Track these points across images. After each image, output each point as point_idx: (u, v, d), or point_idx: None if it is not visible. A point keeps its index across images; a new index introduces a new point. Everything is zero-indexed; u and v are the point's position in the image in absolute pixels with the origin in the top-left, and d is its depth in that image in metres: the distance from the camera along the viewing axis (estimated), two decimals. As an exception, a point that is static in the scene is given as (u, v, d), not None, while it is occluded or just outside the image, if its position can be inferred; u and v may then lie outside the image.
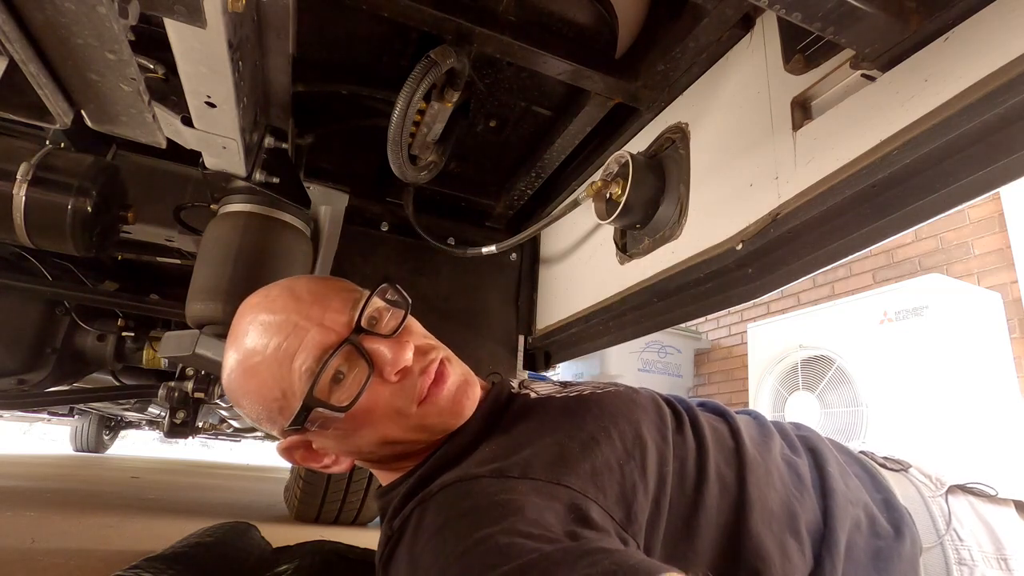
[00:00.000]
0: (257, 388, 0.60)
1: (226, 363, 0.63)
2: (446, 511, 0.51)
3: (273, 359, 0.58)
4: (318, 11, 1.03)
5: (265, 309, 0.61)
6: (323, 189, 1.38)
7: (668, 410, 0.67)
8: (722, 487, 0.61)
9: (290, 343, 0.58)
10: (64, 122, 0.56)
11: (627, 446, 0.58)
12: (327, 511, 1.85)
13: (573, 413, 0.62)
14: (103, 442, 5.79)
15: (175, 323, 1.66)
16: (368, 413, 0.59)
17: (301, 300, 0.61)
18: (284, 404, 0.59)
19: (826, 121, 0.73)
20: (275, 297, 0.62)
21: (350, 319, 0.60)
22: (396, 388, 0.60)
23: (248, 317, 0.62)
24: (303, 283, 0.64)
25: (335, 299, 0.62)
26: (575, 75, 1.00)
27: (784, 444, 0.71)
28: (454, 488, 0.53)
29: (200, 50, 0.68)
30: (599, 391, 0.68)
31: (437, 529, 0.50)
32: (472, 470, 0.54)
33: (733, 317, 4.50)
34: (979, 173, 0.57)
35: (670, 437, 0.62)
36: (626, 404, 0.65)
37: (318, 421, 0.59)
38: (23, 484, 2.58)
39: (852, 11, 0.59)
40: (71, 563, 1.10)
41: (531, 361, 1.58)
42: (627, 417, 0.62)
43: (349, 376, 0.58)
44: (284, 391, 0.58)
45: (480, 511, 0.48)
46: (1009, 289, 2.83)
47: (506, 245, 1.31)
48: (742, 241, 0.82)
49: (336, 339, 0.58)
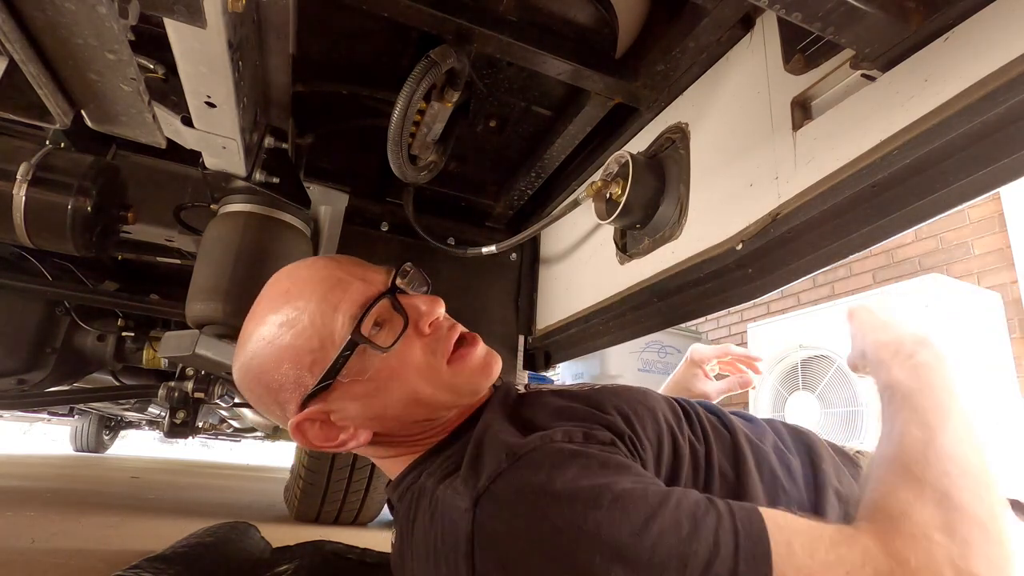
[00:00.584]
0: (291, 342, 0.59)
1: (257, 328, 0.61)
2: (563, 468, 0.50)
3: (317, 310, 0.59)
4: (318, 11, 1.03)
5: (306, 268, 0.64)
6: (323, 189, 1.38)
7: (676, 404, 0.70)
8: (723, 480, 0.64)
9: (335, 294, 0.60)
10: (64, 122, 0.57)
11: (648, 426, 0.62)
12: (327, 511, 1.85)
13: (591, 399, 0.65)
14: (103, 442, 5.79)
15: (175, 323, 1.66)
16: (402, 364, 0.60)
17: (341, 262, 0.65)
18: (319, 357, 0.58)
19: (826, 121, 0.73)
20: (311, 263, 0.65)
21: (386, 280, 0.63)
22: (428, 341, 0.63)
23: (286, 279, 0.63)
24: (335, 256, 0.68)
25: (370, 266, 0.66)
26: (575, 75, 1.00)
27: (777, 440, 0.73)
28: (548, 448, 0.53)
29: (200, 50, 0.68)
30: (609, 384, 0.71)
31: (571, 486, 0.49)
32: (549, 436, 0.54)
33: (733, 317, 4.50)
34: (979, 173, 0.57)
35: (685, 428, 0.66)
36: (641, 393, 0.69)
37: (353, 372, 0.59)
38: (23, 484, 2.58)
39: (852, 11, 0.59)
40: (71, 563, 1.10)
41: (531, 361, 1.58)
42: (644, 403, 0.65)
43: (386, 328, 0.60)
44: (323, 340, 0.58)
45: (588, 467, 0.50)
46: (1009, 289, 2.83)
47: (506, 245, 1.31)
48: (742, 241, 0.82)
49: (377, 292, 0.61)
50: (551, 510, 0.47)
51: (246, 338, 0.62)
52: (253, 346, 0.61)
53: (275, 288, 0.63)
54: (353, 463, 1.70)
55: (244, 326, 0.64)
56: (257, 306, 0.64)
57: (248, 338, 0.62)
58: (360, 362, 0.59)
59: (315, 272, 0.63)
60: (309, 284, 0.61)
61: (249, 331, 0.62)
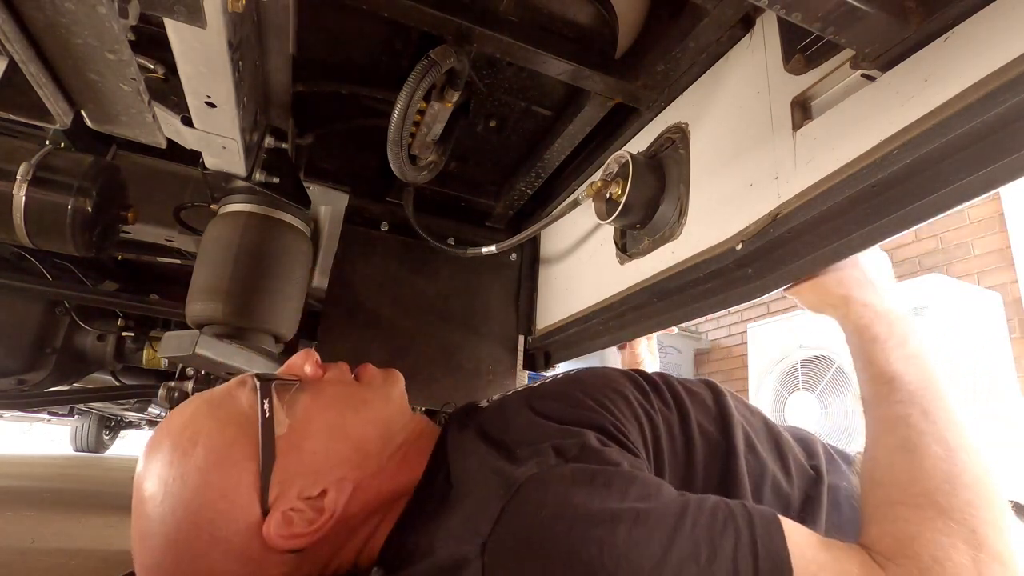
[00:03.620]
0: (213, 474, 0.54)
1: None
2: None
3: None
4: (318, 11, 1.03)
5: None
6: (323, 189, 1.38)
7: (641, 379, 0.71)
8: (707, 442, 0.66)
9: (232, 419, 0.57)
10: (64, 122, 0.56)
11: (624, 409, 0.62)
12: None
13: (561, 396, 0.64)
14: (103, 442, 5.78)
15: (175, 323, 1.66)
16: (324, 404, 0.61)
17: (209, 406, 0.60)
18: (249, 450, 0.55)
19: (826, 121, 0.73)
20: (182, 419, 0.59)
21: (253, 385, 0.60)
22: (330, 377, 0.65)
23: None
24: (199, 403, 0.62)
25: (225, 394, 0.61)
26: (575, 75, 1.00)
27: (766, 418, 0.76)
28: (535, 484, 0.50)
29: (200, 50, 0.68)
30: (569, 372, 0.72)
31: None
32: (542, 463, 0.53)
33: (733, 317, 4.50)
34: (979, 173, 0.57)
35: (653, 399, 0.67)
36: (604, 376, 0.69)
37: (290, 426, 0.57)
38: (23, 484, 2.58)
39: (852, 11, 0.59)
40: (71, 563, 1.10)
41: (531, 361, 1.58)
42: (611, 387, 0.66)
43: (283, 404, 0.58)
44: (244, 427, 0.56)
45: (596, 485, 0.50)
46: (1009, 289, 2.83)
47: (506, 245, 1.31)
48: (742, 241, 0.82)
49: (255, 393, 0.58)
50: (564, 552, 0.45)
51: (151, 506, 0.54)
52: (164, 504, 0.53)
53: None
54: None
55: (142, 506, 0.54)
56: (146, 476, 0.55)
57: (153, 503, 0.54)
58: (291, 420, 0.58)
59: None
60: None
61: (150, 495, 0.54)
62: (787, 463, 0.72)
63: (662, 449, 0.63)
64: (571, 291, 1.39)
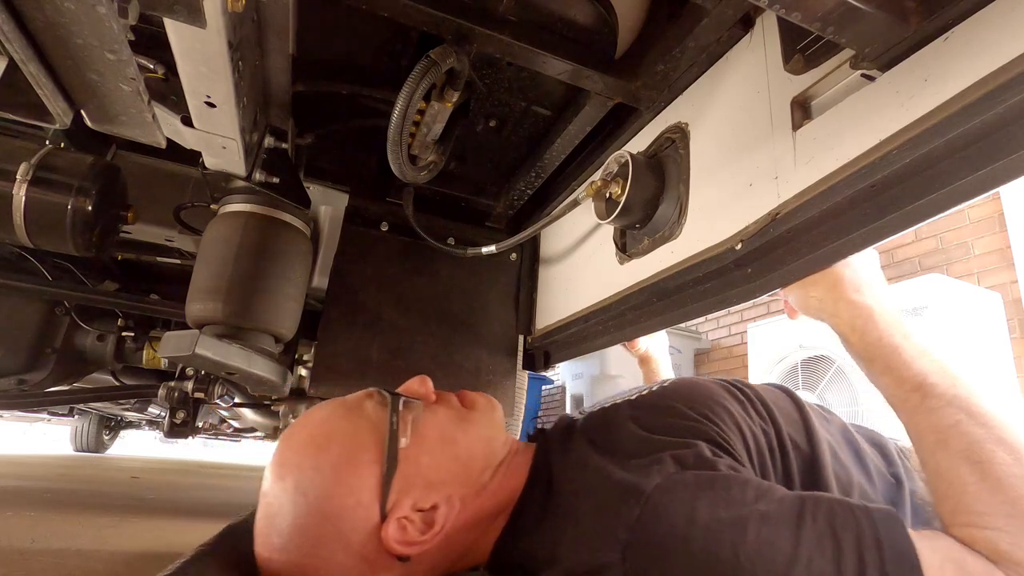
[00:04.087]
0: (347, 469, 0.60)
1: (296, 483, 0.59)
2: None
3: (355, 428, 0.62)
4: (318, 11, 1.03)
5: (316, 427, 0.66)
6: (323, 189, 1.38)
7: (735, 390, 0.73)
8: (799, 454, 0.68)
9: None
10: (64, 122, 0.57)
11: (728, 422, 0.65)
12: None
13: (666, 409, 0.67)
14: (103, 442, 5.78)
15: (175, 323, 1.66)
16: (437, 425, 0.66)
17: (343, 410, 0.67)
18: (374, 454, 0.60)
19: (826, 121, 0.73)
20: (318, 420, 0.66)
21: (383, 400, 0.67)
22: (439, 403, 0.70)
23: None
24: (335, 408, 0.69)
25: (358, 401, 0.68)
26: (575, 75, 1.00)
27: (844, 430, 0.78)
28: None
29: (200, 50, 0.68)
30: (664, 386, 0.74)
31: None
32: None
33: (733, 317, 4.50)
34: (979, 173, 0.57)
35: (750, 411, 0.69)
36: (703, 388, 0.72)
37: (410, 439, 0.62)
38: (23, 484, 2.58)
39: (852, 11, 0.59)
40: (71, 563, 1.10)
41: (530, 361, 1.58)
42: (712, 398, 0.68)
43: (407, 421, 0.64)
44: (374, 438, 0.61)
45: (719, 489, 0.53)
46: (1009, 289, 2.83)
47: (506, 245, 1.31)
48: (741, 241, 0.82)
49: (387, 412, 0.64)
50: (702, 555, 0.48)
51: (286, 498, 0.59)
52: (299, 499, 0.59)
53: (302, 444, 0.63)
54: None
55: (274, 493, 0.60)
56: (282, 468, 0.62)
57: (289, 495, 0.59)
58: (410, 422, 0.64)
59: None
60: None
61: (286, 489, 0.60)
62: (869, 471, 0.73)
63: (765, 461, 0.65)
64: (571, 291, 1.39)
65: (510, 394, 1.53)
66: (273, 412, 2.32)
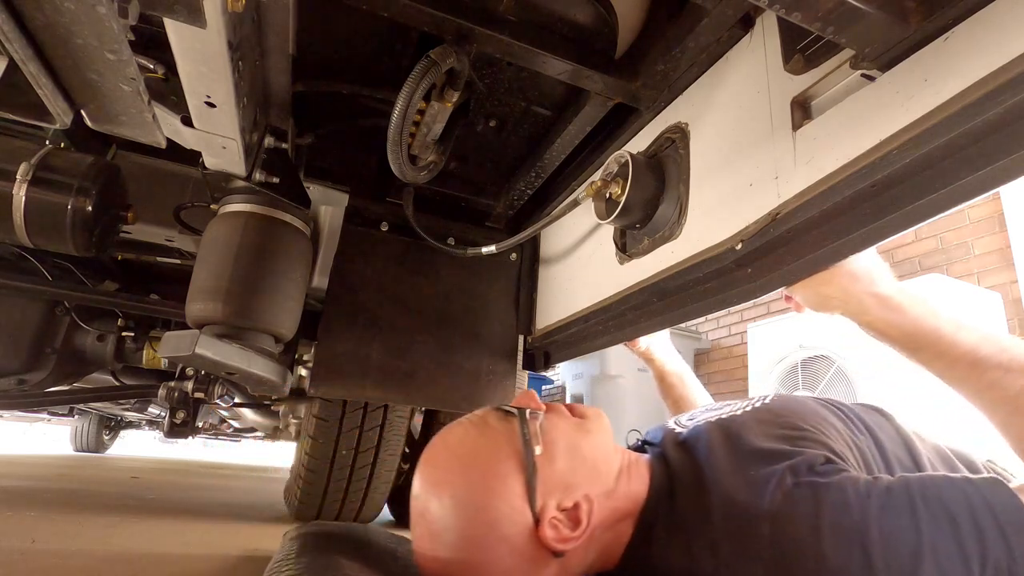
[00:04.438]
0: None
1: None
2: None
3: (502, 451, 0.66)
4: (318, 11, 1.03)
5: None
6: (323, 189, 1.38)
7: (834, 407, 0.76)
8: (903, 469, 0.70)
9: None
10: (64, 122, 0.57)
11: (836, 437, 0.67)
12: (327, 510, 1.85)
13: (776, 423, 0.70)
14: (103, 442, 5.78)
15: (175, 323, 1.66)
16: (556, 428, 0.70)
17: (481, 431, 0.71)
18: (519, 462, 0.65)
19: (826, 121, 0.73)
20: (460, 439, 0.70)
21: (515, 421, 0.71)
22: (556, 415, 0.73)
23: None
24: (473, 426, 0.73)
25: (499, 420, 0.72)
26: (575, 75, 1.00)
27: (937, 447, 0.81)
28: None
29: (200, 50, 0.68)
30: (768, 403, 0.77)
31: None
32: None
33: (733, 317, 4.50)
34: (979, 173, 0.57)
35: (852, 427, 0.72)
36: (805, 404, 0.74)
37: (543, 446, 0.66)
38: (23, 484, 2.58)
39: (852, 11, 0.59)
40: (71, 563, 1.10)
41: (530, 361, 1.58)
42: (818, 415, 0.71)
43: (536, 431, 0.69)
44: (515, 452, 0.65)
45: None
46: (1009, 289, 2.83)
47: (506, 245, 1.31)
48: (741, 241, 0.82)
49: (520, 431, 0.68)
50: (833, 558, 0.52)
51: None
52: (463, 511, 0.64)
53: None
54: (353, 463, 1.70)
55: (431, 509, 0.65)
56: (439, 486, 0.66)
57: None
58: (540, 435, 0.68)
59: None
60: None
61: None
62: None
63: (873, 474, 0.67)
64: (571, 291, 1.39)
65: (510, 394, 1.53)
66: (273, 412, 2.33)
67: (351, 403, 1.60)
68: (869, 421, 0.76)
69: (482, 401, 1.49)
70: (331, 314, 1.39)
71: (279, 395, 1.40)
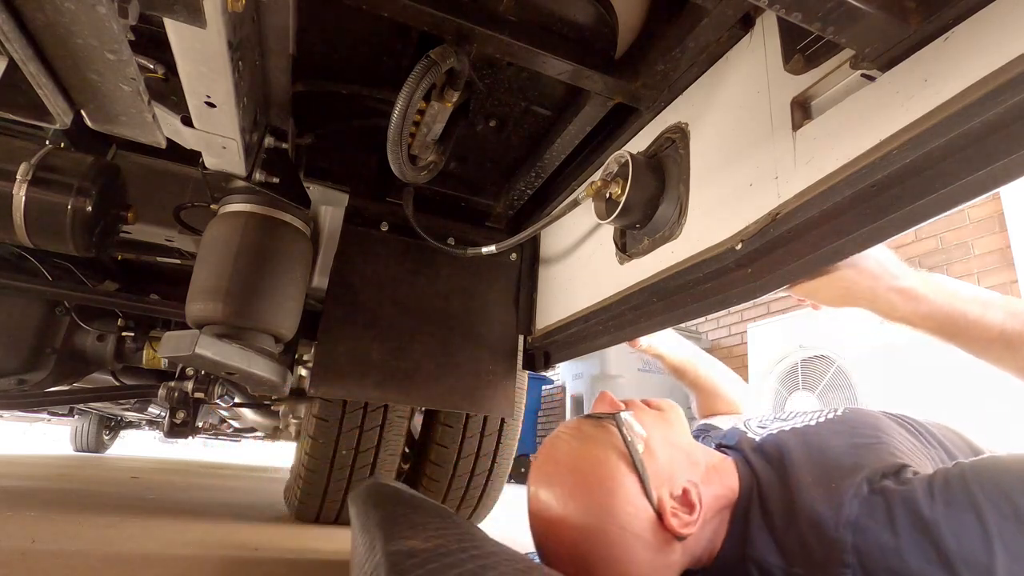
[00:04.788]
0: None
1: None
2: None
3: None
4: (318, 11, 1.03)
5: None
6: (323, 189, 1.38)
7: (901, 419, 0.80)
8: None
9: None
10: (64, 122, 0.57)
11: (907, 448, 0.72)
12: (327, 510, 1.85)
13: (854, 434, 0.74)
14: (103, 442, 5.78)
15: (175, 323, 1.66)
16: (655, 426, 0.76)
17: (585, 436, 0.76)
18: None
19: (826, 121, 0.73)
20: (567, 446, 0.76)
21: (613, 425, 0.76)
22: (638, 411, 0.78)
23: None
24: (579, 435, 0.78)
25: (595, 427, 0.77)
26: (575, 75, 1.00)
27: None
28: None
29: (200, 50, 0.68)
30: (837, 417, 0.82)
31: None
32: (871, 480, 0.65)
33: (733, 317, 4.50)
34: (979, 173, 0.57)
35: (920, 437, 0.77)
36: (872, 417, 0.78)
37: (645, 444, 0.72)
38: (23, 484, 2.58)
39: (852, 11, 0.59)
40: (71, 563, 1.10)
41: (530, 361, 1.58)
42: (884, 429, 0.74)
43: (632, 432, 0.74)
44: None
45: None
46: (1009, 289, 2.83)
47: (506, 245, 1.31)
48: (742, 241, 0.82)
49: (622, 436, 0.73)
50: (913, 564, 0.56)
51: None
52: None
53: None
54: (353, 463, 1.70)
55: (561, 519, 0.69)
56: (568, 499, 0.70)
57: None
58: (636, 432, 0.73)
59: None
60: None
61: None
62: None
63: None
64: (571, 291, 1.39)
65: (510, 394, 1.53)
66: (273, 412, 2.33)
67: (351, 403, 1.60)
68: (939, 434, 0.79)
69: (482, 401, 1.49)
70: (331, 314, 1.39)
71: (279, 395, 1.40)
